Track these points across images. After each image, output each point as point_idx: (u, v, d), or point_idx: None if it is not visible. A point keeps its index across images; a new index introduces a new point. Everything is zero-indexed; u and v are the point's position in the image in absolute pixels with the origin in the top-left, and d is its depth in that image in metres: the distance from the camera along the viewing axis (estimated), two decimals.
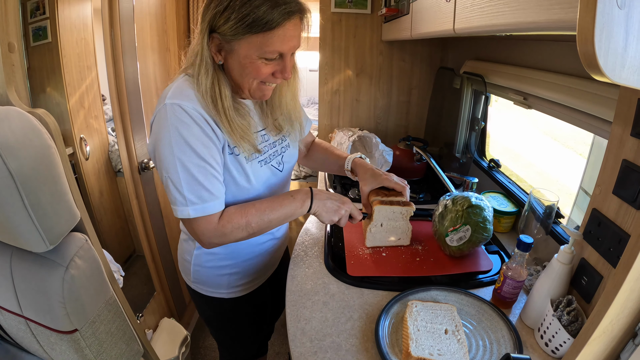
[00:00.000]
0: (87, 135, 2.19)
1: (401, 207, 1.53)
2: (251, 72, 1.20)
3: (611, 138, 1.07)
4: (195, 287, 1.58)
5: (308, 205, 1.37)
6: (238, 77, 1.24)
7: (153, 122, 1.20)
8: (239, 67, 1.20)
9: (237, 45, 1.15)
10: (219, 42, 1.18)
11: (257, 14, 1.09)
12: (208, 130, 1.19)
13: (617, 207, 1.03)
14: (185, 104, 1.15)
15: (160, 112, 1.17)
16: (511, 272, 1.22)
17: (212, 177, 1.21)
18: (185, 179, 1.16)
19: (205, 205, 1.19)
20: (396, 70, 2.85)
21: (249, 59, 1.17)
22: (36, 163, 0.98)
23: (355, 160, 1.62)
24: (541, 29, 0.79)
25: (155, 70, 2.54)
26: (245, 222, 1.26)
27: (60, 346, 1.12)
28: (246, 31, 1.11)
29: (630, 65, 0.56)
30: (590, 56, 0.55)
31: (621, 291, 0.75)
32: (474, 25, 1.09)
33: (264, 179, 1.40)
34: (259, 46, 1.14)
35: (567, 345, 1.03)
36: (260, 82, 1.26)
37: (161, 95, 1.22)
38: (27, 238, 1.00)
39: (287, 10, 1.12)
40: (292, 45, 1.20)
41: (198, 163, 1.17)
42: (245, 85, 1.25)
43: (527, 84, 1.66)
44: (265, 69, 1.20)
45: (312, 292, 1.37)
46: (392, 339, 1.16)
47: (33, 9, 1.79)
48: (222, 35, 1.15)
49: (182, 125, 1.15)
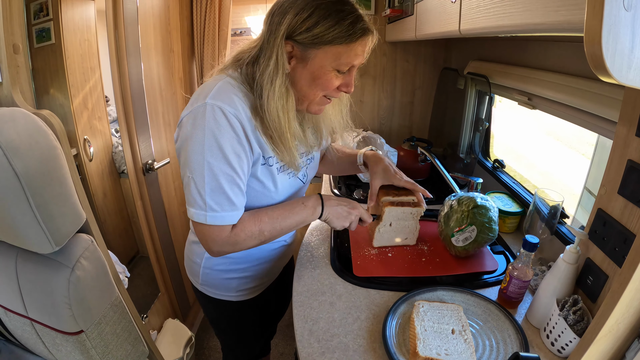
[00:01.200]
0: (91, 136, 2.19)
1: (412, 208, 1.54)
2: (322, 83, 1.19)
3: (616, 138, 1.07)
4: (203, 290, 1.57)
5: (319, 212, 1.36)
6: (306, 87, 1.22)
7: (185, 118, 1.16)
8: (310, 77, 1.19)
9: (313, 54, 1.15)
10: (291, 49, 1.16)
11: (343, 26, 1.11)
12: (243, 140, 1.17)
13: (622, 206, 1.03)
14: (227, 108, 1.12)
15: (198, 110, 1.12)
16: (517, 272, 1.22)
17: (237, 187, 1.19)
18: (210, 185, 1.14)
19: (224, 215, 1.17)
20: (400, 70, 2.85)
21: (323, 70, 1.17)
22: (42, 164, 0.98)
23: (367, 153, 1.61)
24: (548, 31, 0.79)
25: (159, 71, 2.54)
26: (258, 230, 1.24)
27: (66, 347, 1.13)
28: (329, 41, 1.12)
29: (636, 66, 0.57)
30: (598, 58, 0.55)
31: (627, 291, 0.76)
32: (480, 26, 1.09)
33: (288, 189, 1.40)
34: (336, 57, 1.15)
35: (573, 344, 1.03)
36: (323, 96, 1.25)
37: (199, 91, 1.19)
38: (32, 239, 1.00)
39: (365, 27, 1.14)
40: (361, 60, 1.21)
41: (227, 171, 1.15)
42: (310, 97, 1.24)
43: (531, 84, 1.66)
44: (335, 82, 1.20)
45: (318, 293, 1.38)
46: (400, 339, 1.16)
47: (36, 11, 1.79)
48: (299, 42, 1.14)
49: (219, 129, 1.12)
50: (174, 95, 2.78)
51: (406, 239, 1.63)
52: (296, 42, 1.14)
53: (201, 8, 2.80)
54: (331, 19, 1.10)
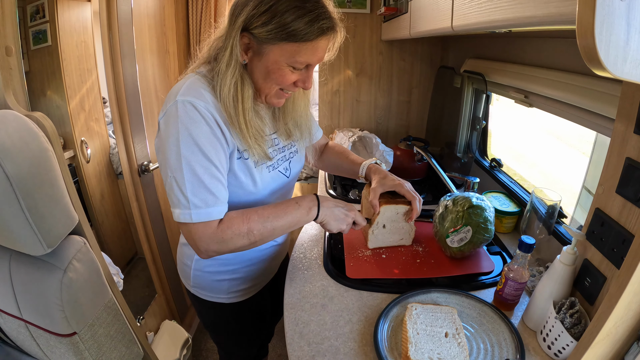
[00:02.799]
0: (88, 137, 2.19)
1: (405, 206, 1.51)
2: (276, 78, 1.20)
3: (614, 136, 1.05)
4: (195, 292, 1.56)
5: (315, 214, 1.32)
6: (261, 80, 1.22)
7: (161, 120, 1.17)
8: (265, 71, 1.19)
9: (268, 49, 1.15)
10: (248, 41, 1.16)
11: (298, 25, 1.10)
12: (217, 132, 1.16)
13: (621, 206, 1.01)
14: (198, 102, 1.12)
15: (171, 108, 1.13)
16: (513, 274, 1.20)
17: (217, 180, 1.17)
18: (190, 180, 1.13)
19: (209, 210, 1.16)
20: (396, 69, 2.84)
21: (277, 65, 1.17)
22: (33, 166, 0.99)
23: (371, 166, 1.59)
24: (540, 24, 0.77)
25: (155, 73, 2.54)
26: (246, 229, 1.20)
27: (60, 349, 1.13)
28: (283, 38, 1.11)
29: (632, 58, 0.54)
30: (591, 50, 0.53)
31: (625, 293, 0.74)
32: (472, 22, 1.08)
33: (270, 184, 1.37)
34: (290, 54, 1.15)
35: (570, 348, 1.01)
36: (279, 89, 1.25)
37: (170, 92, 1.19)
38: (24, 241, 1.00)
39: (325, 26, 1.14)
40: (319, 58, 1.21)
41: (204, 164, 1.14)
42: (265, 90, 1.25)
43: (527, 81, 1.65)
44: (290, 77, 1.20)
45: (310, 295, 1.36)
46: (392, 342, 1.14)
47: (33, 13, 1.80)
48: (255, 36, 1.14)
49: (192, 123, 1.12)
50: None
51: (401, 240, 1.61)
52: (252, 35, 1.14)
53: (197, 8, 2.80)
54: (288, 15, 1.09)
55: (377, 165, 1.59)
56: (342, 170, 1.73)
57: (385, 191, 1.50)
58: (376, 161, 1.62)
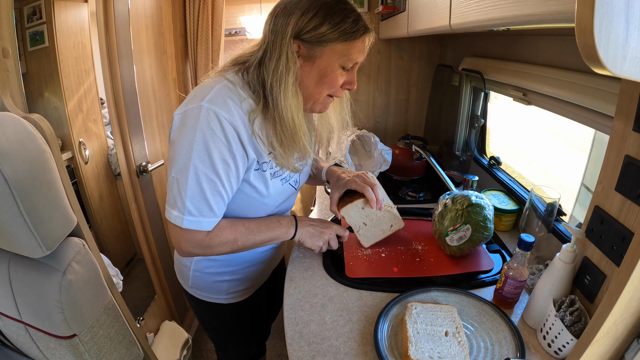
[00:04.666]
0: (86, 139, 2.18)
1: (362, 198, 1.47)
2: (329, 81, 1.21)
3: (613, 133, 1.05)
4: (194, 293, 1.56)
5: (292, 232, 1.41)
6: (312, 86, 1.23)
7: (177, 117, 1.16)
8: (318, 75, 1.21)
9: (320, 51, 1.17)
10: (298, 49, 1.17)
11: (347, 25, 1.14)
12: (235, 148, 1.16)
13: (620, 204, 1.01)
14: (223, 114, 1.12)
15: (193, 111, 1.12)
16: (512, 272, 1.20)
17: (219, 195, 1.19)
18: (192, 189, 1.14)
19: (201, 220, 1.18)
20: (394, 68, 2.83)
21: (330, 67, 1.19)
22: (31, 168, 0.99)
23: (328, 170, 1.60)
24: (539, 22, 0.77)
25: (152, 73, 2.53)
26: (233, 238, 1.27)
27: (60, 351, 1.14)
28: (336, 38, 1.14)
29: (632, 57, 0.54)
30: (590, 48, 0.52)
31: (625, 290, 0.74)
32: (470, 20, 1.08)
33: (280, 195, 1.40)
34: (342, 54, 1.17)
35: (570, 346, 1.01)
36: (328, 95, 1.27)
37: (195, 91, 1.19)
38: (23, 244, 1.01)
39: (366, 24, 1.20)
40: (362, 57, 1.25)
41: (212, 177, 1.15)
42: (316, 96, 1.26)
43: (526, 79, 1.65)
44: (340, 79, 1.23)
45: (310, 295, 1.35)
46: (392, 342, 1.13)
47: (30, 14, 1.79)
48: (306, 41, 1.15)
49: (211, 135, 1.11)
50: (167, 96, 2.76)
51: (392, 226, 1.58)
52: (303, 41, 1.16)
53: (194, 9, 2.79)
54: (336, 17, 1.13)
55: (334, 168, 1.60)
56: (315, 180, 1.72)
57: (342, 193, 1.50)
58: (336, 162, 1.63)
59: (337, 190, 1.50)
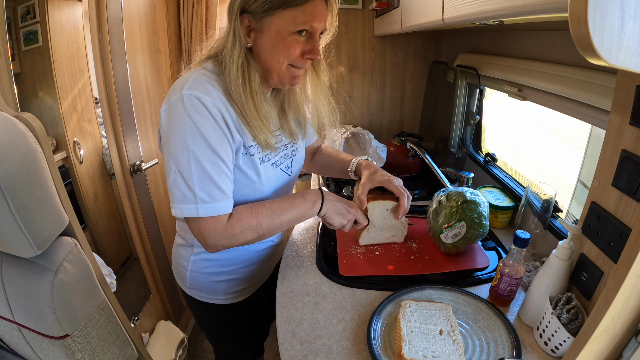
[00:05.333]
0: (81, 138, 2.18)
1: (394, 202, 1.49)
2: (282, 50, 1.19)
3: (609, 128, 1.03)
4: (191, 293, 1.55)
5: (319, 207, 1.36)
6: (268, 57, 1.22)
7: (164, 114, 1.16)
8: (270, 45, 1.19)
9: (268, 22, 1.15)
10: (248, 22, 1.17)
11: None
12: (224, 127, 1.17)
13: (617, 199, 1.00)
14: (204, 97, 1.13)
15: (176, 102, 1.13)
16: (508, 269, 1.18)
17: (224, 175, 1.18)
18: (198, 175, 1.13)
19: (216, 205, 1.16)
20: (389, 65, 2.83)
21: (280, 35, 1.17)
22: (21, 168, 0.98)
23: (361, 162, 1.59)
24: (531, 13, 0.75)
25: (146, 72, 2.52)
26: (256, 222, 1.23)
27: (53, 351, 1.14)
28: (279, 5, 1.12)
29: (627, 46, 0.53)
30: (584, 38, 0.51)
31: (623, 288, 0.73)
32: (463, 13, 1.07)
33: (274, 183, 1.39)
34: (290, 20, 1.14)
35: (567, 344, 1.00)
36: (289, 65, 1.24)
37: (174, 85, 1.19)
38: (14, 243, 1.00)
39: None
40: (319, 23, 1.19)
41: (211, 158, 1.14)
42: (275, 67, 1.23)
43: (521, 75, 1.63)
44: (296, 47, 1.20)
45: (303, 293, 1.34)
46: (385, 340, 1.12)
47: (24, 13, 1.78)
48: (253, 14, 1.15)
49: (199, 117, 1.12)
50: (161, 95, 2.74)
51: (393, 237, 1.60)
52: (251, 13, 1.15)
53: (188, 7, 2.78)
54: None
55: (367, 161, 1.59)
56: (334, 170, 1.73)
57: (374, 187, 1.49)
58: (367, 158, 1.61)
59: (370, 183, 1.48)
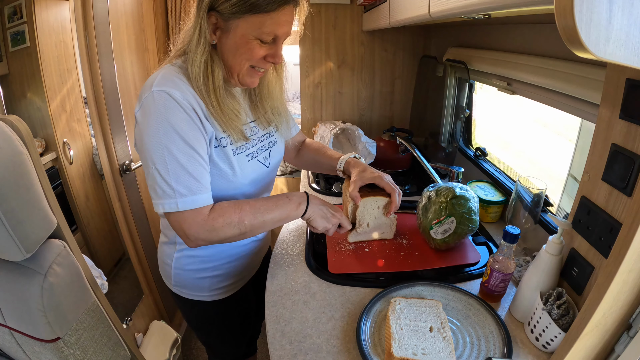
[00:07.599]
0: (70, 139, 2.17)
1: (385, 199, 1.48)
2: (245, 53, 1.19)
3: (599, 121, 1.03)
4: (177, 291, 1.54)
5: (303, 209, 1.35)
6: (231, 58, 1.22)
7: (138, 112, 1.17)
8: (234, 47, 1.19)
9: (234, 24, 1.15)
10: (215, 20, 1.16)
11: None
12: (196, 120, 1.17)
13: (607, 194, 0.99)
14: (173, 92, 1.13)
15: (147, 100, 1.13)
16: (498, 265, 1.18)
17: (200, 167, 1.17)
18: (173, 169, 1.12)
19: (194, 198, 1.15)
20: (378, 60, 2.81)
21: (244, 39, 1.17)
22: (7, 171, 0.97)
23: (349, 160, 1.59)
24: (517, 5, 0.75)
25: (134, 70, 2.50)
26: (238, 218, 1.21)
27: (45, 355, 1.13)
28: (247, 10, 1.11)
29: (616, 38, 0.51)
30: (570, 30, 0.50)
31: (614, 282, 0.73)
32: (450, 7, 1.06)
33: (250, 174, 1.37)
34: (257, 26, 1.15)
35: (558, 339, 0.99)
36: (250, 67, 1.24)
37: (145, 84, 1.19)
38: (2, 247, 0.99)
39: None
40: (285, 30, 1.21)
41: (186, 151, 1.14)
42: (236, 68, 1.23)
43: (510, 68, 1.63)
44: (259, 51, 1.20)
45: (292, 292, 1.34)
46: (375, 338, 1.11)
47: (10, 14, 1.77)
48: (220, 13, 1.14)
49: (170, 112, 1.12)
50: None
51: (383, 233, 1.59)
52: (218, 12, 1.15)
53: (176, 5, 2.77)
54: None
55: (356, 159, 1.59)
56: (321, 167, 1.72)
57: (364, 184, 1.49)
58: (355, 155, 1.61)
59: (361, 180, 1.48)
